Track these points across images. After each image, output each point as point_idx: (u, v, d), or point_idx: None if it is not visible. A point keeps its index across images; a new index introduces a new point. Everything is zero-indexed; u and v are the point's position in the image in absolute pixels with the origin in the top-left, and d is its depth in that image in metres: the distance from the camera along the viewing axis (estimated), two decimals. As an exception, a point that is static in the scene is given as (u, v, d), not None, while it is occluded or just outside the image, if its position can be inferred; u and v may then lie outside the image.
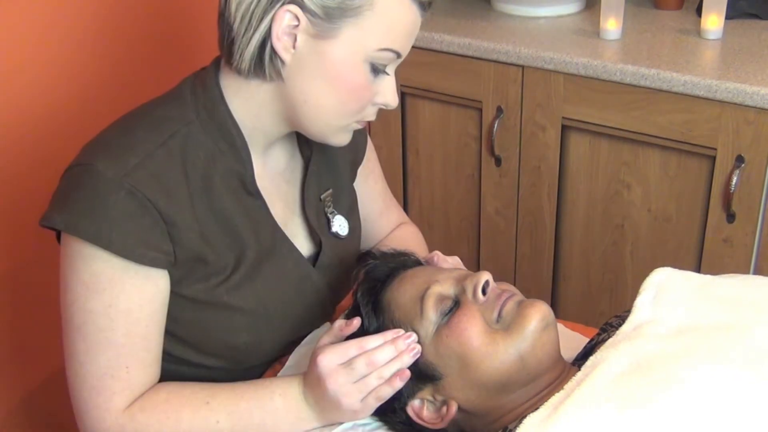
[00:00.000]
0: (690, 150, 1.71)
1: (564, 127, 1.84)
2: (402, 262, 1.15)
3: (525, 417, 0.93)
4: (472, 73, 1.91)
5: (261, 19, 0.98)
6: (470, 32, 1.91)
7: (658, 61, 1.70)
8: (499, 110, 1.90)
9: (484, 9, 2.07)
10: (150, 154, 1.01)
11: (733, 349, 0.96)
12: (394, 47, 1.02)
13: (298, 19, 0.98)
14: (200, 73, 1.10)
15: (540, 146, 1.89)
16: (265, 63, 1.01)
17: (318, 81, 1.01)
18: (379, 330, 1.05)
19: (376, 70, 1.03)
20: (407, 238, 1.37)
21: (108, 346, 1.02)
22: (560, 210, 1.94)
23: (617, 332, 1.03)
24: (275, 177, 1.15)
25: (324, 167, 1.21)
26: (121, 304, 1.01)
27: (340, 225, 1.22)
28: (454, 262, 1.21)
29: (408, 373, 1.02)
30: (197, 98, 1.06)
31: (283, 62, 1.01)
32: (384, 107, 1.08)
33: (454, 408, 1.03)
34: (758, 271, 1.73)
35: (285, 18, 0.98)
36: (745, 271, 1.73)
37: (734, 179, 1.65)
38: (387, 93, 1.06)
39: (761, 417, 0.87)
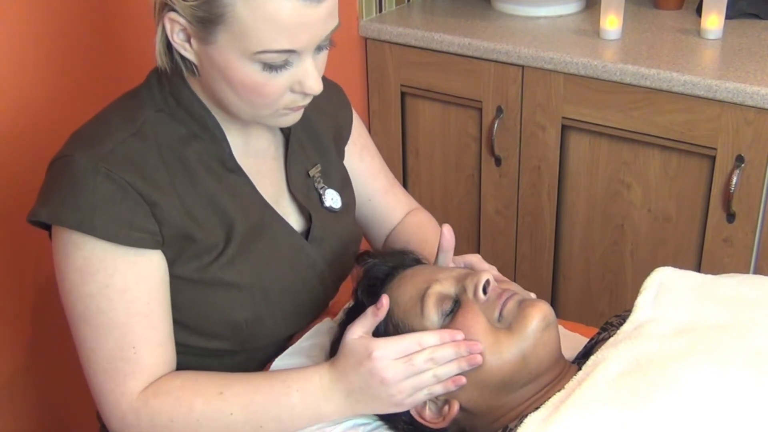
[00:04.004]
0: (690, 150, 1.71)
1: (564, 127, 1.84)
2: (401, 261, 1.15)
3: (525, 416, 0.93)
4: (472, 73, 1.91)
5: (159, 22, 1.02)
6: (470, 32, 1.91)
7: (658, 61, 1.70)
8: (499, 110, 1.90)
9: (484, 9, 2.07)
10: (124, 140, 1.04)
11: (733, 348, 0.96)
12: (274, 47, 0.97)
13: (183, 24, 1.00)
14: None
15: (540, 146, 1.89)
16: (176, 60, 1.05)
17: (219, 80, 1.03)
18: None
19: (273, 67, 0.99)
20: (424, 224, 1.36)
21: (112, 327, 1.03)
22: (560, 210, 1.94)
23: (618, 332, 1.03)
24: (260, 154, 1.16)
25: (307, 143, 1.22)
26: (117, 283, 1.02)
27: (332, 198, 1.22)
28: (490, 268, 1.20)
29: (464, 380, 1.00)
30: (163, 87, 1.09)
31: (190, 61, 1.03)
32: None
33: (455, 407, 1.02)
34: (758, 271, 1.73)
35: (172, 24, 1.00)
36: (745, 271, 1.73)
37: (734, 179, 1.65)
38: (304, 83, 1.02)
39: (761, 417, 0.88)
